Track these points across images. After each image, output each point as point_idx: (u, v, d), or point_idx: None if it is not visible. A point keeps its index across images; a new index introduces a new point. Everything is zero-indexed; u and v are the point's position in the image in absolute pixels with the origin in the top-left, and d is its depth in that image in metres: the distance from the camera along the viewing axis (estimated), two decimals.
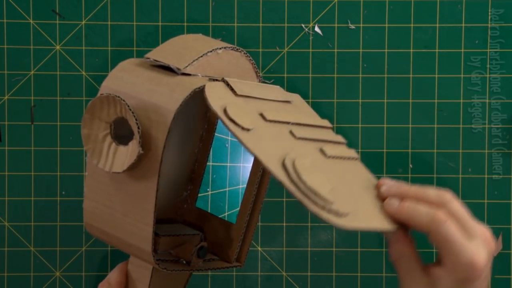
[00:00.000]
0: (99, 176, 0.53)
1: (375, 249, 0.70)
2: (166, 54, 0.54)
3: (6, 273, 0.70)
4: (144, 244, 0.52)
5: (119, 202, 0.53)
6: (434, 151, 0.69)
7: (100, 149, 0.52)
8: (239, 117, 0.49)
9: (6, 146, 0.69)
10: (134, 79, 0.53)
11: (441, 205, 0.49)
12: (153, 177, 0.51)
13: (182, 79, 0.52)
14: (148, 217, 0.51)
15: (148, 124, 0.50)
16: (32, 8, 0.69)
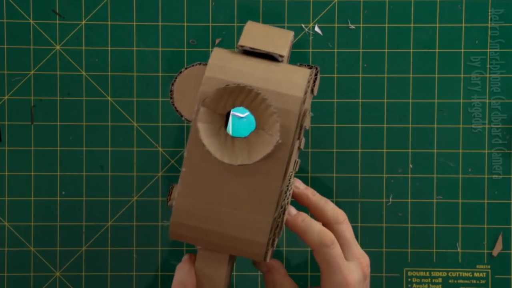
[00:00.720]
0: (201, 171, 0.52)
1: (375, 249, 0.70)
2: (258, 41, 0.53)
3: (6, 273, 0.70)
4: (258, 236, 0.51)
5: (228, 196, 0.51)
6: (434, 151, 0.69)
7: (218, 142, 0.51)
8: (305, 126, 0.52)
9: (6, 146, 0.69)
10: (241, 68, 0.52)
11: (334, 224, 0.57)
12: (281, 167, 0.50)
13: (287, 67, 0.52)
14: (269, 208, 0.51)
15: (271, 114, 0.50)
16: (32, 8, 0.69)
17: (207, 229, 0.52)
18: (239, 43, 0.53)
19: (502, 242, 0.69)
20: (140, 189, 0.69)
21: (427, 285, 0.70)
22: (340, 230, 0.58)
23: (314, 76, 0.53)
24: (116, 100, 0.69)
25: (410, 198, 0.69)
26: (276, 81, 0.51)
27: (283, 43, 0.53)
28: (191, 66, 0.54)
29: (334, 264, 0.55)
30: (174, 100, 0.54)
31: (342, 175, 0.69)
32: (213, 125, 0.51)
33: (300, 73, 0.52)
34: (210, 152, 0.50)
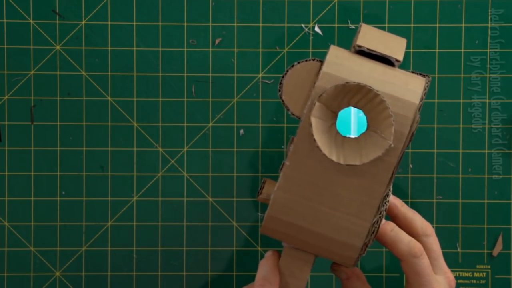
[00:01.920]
0: (306, 167, 0.51)
1: (375, 249, 0.70)
2: (375, 44, 0.53)
3: (6, 273, 0.70)
4: (354, 239, 0.51)
5: (329, 196, 0.51)
6: (434, 151, 0.69)
7: (329, 139, 0.50)
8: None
9: (6, 146, 0.69)
10: (358, 68, 0.51)
11: (422, 236, 0.56)
12: (388, 172, 0.50)
13: (403, 72, 0.52)
14: (368, 212, 0.50)
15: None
16: (32, 8, 0.69)
17: (302, 226, 0.52)
18: (357, 42, 0.53)
19: (502, 242, 0.69)
20: (140, 189, 0.69)
21: None
22: (429, 242, 0.57)
23: (427, 84, 0.53)
24: (116, 100, 0.69)
25: (410, 198, 0.69)
26: (392, 85, 0.51)
27: (399, 48, 0.53)
28: (305, 61, 0.53)
29: (424, 275, 0.55)
30: (282, 93, 0.53)
31: None
32: (325, 122, 0.50)
33: (416, 80, 0.52)
34: (320, 148, 0.50)
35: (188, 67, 0.69)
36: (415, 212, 0.58)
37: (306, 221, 0.52)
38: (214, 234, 0.70)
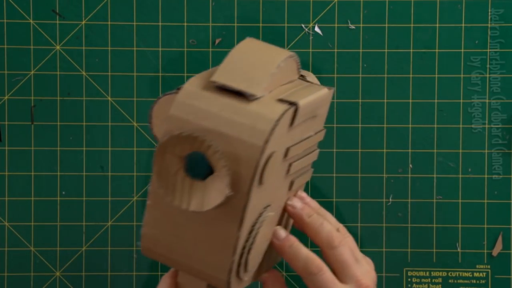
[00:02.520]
0: (165, 206, 0.50)
1: (375, 249, 0.70)
2: (233, 76, 0.50)
3: (6, 273, 0.70)
4: (219, 273, 0.50)
5: (190, 233, 0.50)
6: (434, 151, 0.69)
7: (174, 184, 0.48)
8: (271, 171, 0.48)
9: (6, 146, 0.69)
10: (208, 107, 0.49)
11: (327, 248, 0.55)
12: (237, 216, 0.48)
13: (258, 106, 0.48)
14: (227, 251, 0.49)
15: (234, 161, 0.47)
16: (32, 8, 0.69)
17: (173, 258, 0.52)
18: (212, 78, 0.50)
19: (502, 242, 0.69)
20: (139, 189, 0.69)
21: (427, 285, 0.70)
22: (335, 254, 0.55)
23: (293, 113, 0.49)
24: (116, 100, 0.69)
25: (410, 198, 0.69)
26: (240, 126, 0.47)
27: (260, 77, 0.49)
28: (169, 93, 0.52)
29: (347, 262, 0.55)
30: (152, 125, 0.52)
31: (342, 175, 0.69)
32: (169, 167, 0.48)
33: (267, 117, 0.48)
34: (164, 193, 0.48)
35: (188, 67, 0.69)
36: (324, 222, 0.55)
37: (176, 254, 0.51)
38: None
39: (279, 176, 0.51)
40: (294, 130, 0.50)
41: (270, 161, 0.48)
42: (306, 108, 0.50)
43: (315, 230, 0.55)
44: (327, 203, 0.69)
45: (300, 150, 0.52)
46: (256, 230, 0.50)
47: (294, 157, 0.52)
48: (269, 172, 0.48)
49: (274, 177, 0.50)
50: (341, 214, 0.69)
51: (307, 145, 0.54)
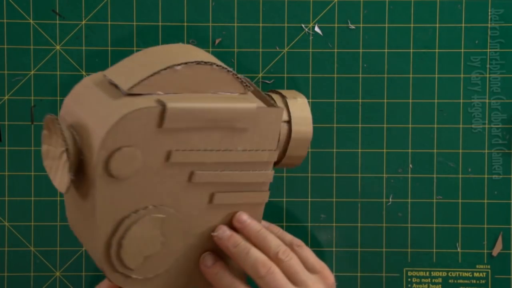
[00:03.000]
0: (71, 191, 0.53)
1: (375, 249, 0.70)
2: (121, 71, 0.51)
3: (6, 273, 0.70)
4: (97, 261, 0.52)
5: (81, 218, 0.53)
6: (434, 151, 0.69)
7: (57, 166, 0.50)
8: (123, 165, 0.48)
9: (6, 146, 0.69)
10: (87, 98, 0.51)
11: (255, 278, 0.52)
12: (93, 207, 0.50)
13: (127, 101, 0.49)
14: (95, 232, 0.50)
15: (88, 149, 0.49)
16: (32, 8, 0.69)
17: (81, 240, 0.54)
18: (105, 70, 0.52)
19: (502, 242, 0.69)
20: None
21: (427, 285, 0.70)
22: (265, 283, 0.52)
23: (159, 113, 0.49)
24: None
25: (410, 198, 0.69)
26: (98, 116, 0.49)
27: (140, 75, 0.50)
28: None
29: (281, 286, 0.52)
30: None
31: (342, 175, 0.69)
32: (55, 148, 0.50)
33: (121, 111, 0.48)
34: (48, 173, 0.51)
35: None
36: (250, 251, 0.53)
37: (79, 235, 0.54)
38: None
39: (166, 179, 0.50)
40: (182, 135, 0.49)
41: (118, 154, 0.48)
42: (185, 113, 0.49)
43: (241, 261, 0.53)
44: (327, 203, 0.69)
45: (205, 159, 0.51)
46: (126, 225, 0.50)
47: (195, 165, 0.51)
48: (119, 166, 0.48)
49: (147, 177, 0.50)
50: (341, 214, 0.70)
51: (224, 158, 0.52)
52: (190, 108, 0.49)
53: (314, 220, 0.70)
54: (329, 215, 0.69)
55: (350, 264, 0.70)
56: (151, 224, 0.51)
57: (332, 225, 0.70)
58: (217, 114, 0.50)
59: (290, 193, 0.69)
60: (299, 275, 0.53)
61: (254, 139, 0.52)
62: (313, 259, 0.55)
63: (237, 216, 0.54)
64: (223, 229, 0.54)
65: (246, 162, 0.53)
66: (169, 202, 0.51)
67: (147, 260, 0.52)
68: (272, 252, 0.53)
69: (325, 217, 0.70)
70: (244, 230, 0.54)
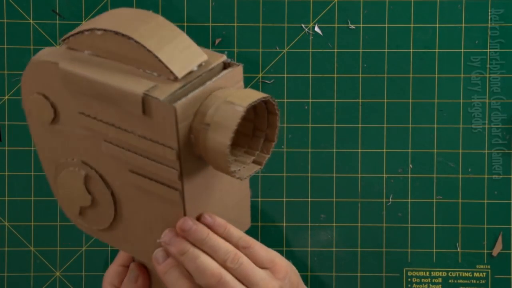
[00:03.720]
0: None
1: (375, 249, 0.70)
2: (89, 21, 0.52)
3: (6, 273, 0.70)
4: None
5: None
6: (434, 151, 0.69)
7: None
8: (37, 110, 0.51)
9: (6, 146, 0.69)
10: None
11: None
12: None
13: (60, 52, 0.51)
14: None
15: None
16: (32, 8, 0.69)
17: None
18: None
19: (502, 242, 0.69)
20: None
21: (427, 285, 0.70)
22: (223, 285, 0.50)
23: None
24: None
25: (410, 198, 0.69)
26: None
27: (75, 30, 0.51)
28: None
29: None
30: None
31: (342, 175, 0.69)
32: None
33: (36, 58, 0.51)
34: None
35: None
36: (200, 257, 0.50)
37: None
38: None
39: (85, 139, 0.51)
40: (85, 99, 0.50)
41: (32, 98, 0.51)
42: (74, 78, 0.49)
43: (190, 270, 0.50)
44: (327, 203, 0.69)
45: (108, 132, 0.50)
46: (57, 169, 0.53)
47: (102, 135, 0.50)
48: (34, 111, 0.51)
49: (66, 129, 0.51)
50: (341, 214, 0.70)
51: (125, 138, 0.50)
52: (77, 74, 0.49)
53: (314, 220, 0.70)
54: (329, 215, 0.69)
55: (350, 264, 0.70)
56: (75, 176, 0.53)
57: (332, 225, 0.70)
58: (102, 89, 0.48)
59: (290, 193, 0.69)
60: (250, 278, 0.51)
61: (153, 128, 0.48)
62: (263, 253, 0.53)
63: (181, 224, 0.50)
64: (169, 235, 0.51)
65: (148, 151, 0.49)
66: (91, 162, 0.52)
67: (86, 212, 0.53)
68: (220, 260, 0.51)
69: (325, 217, 0.70)
70: (189, 238, 0.50)
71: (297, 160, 0.69)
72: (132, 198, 0.52)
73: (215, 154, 0.48)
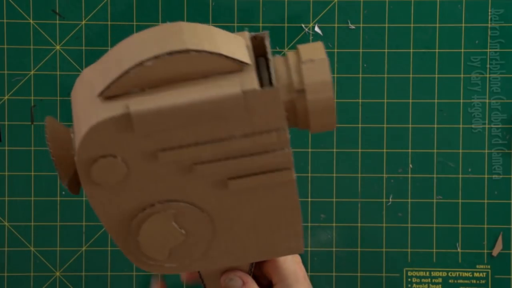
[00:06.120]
0: None
1: (375, 249, 0.70)
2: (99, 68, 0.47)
3: (6, 273, 0.70)
4: None
5: None
6: (434, 151, 0.69)
7: None
8: (106, 173, 0.45)
9: (6, 146, 0.69)
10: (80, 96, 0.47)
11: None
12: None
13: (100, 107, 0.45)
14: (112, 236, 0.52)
15: None
16: (32, 8, 0.69)
17: None
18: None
19: (502, 242, 0.69)
20: None
21: (427, 285, 0.70)
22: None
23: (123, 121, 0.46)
24: None
25: (410, 198, 0.69)
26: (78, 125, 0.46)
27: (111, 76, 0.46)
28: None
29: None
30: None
31: (342, 175, 0.69)
32: None
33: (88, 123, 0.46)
34: None
35: None
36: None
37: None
38: None
39: (164, 178, 0.47)
40: (163, 135, 0.45)
41: (96, 166, 0.45)
42: (155, 115, 0.44)
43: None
44: (327, 203, 0.69)
45: (200, 153, 0.46)
46: (135, 224, 0.49)
47: (191, 160, 0.47)
48: (101, 176, 0.46)
49: (140, 179, 0.47)
50: (341, 214, 0.70)
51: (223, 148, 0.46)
52: (160, 110, 0.44)
53: (314, 220, 0.70)
54: (329, 215, 0.69)
55: (350, 264, 0.70)
56: (162, 220, 0.49)
57: (332, 225, 0.70)
58: (195, 110, 0.44)
59: None
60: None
61: (254, 121, 0.46)
62: None
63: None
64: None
65: (252, 146, 0.47)
66: (176, 196, 0.48)
67: (176, 250, 0.50)
68: None
69: (325, 217, 0.70)
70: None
71: (297, 160, 0.69)
72: (230, 209, 0.49)
73: (321, 114, 0.47)
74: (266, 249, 0.50)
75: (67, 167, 0.47)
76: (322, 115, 0.47)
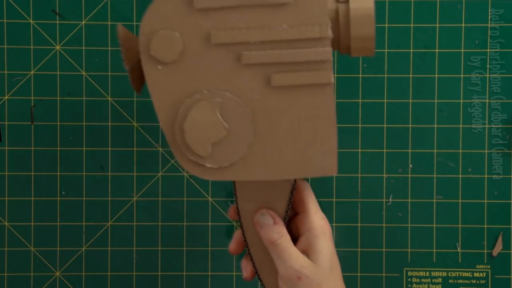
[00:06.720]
0: None
1: (375, 249, 0.70)
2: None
3: (6, 273, 0.70)
4: None
5: None
6: (434, 151, 0.69)
7: None
8: (164, 47, 0.51)
9: (6, 146, 0.69)
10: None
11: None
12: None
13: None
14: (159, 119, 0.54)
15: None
16: (32, 8, 0.69)
17: None
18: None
19: (502, 242, 0.69)
20: (140, 189, 0.69)
21: (427, 285, 0.70)
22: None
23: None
24: (116, 100, 0.69)
25: (410, 198, 0.69)
26: None
27: None
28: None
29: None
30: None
31: (342, 175, 0.69)
32: None
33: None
34: None
35: None
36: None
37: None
38: (214, 234, 0.70)
39: (214, 62, 0.52)
40: (218, 14, 0.51)
41: (156, 38, 0.51)
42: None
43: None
44: (327, 203, 0.69)
45: (249, 38, 0.51)
46: (183, 109, 0.52)
47: (240, 45, 0.52)
48: (160, 49, 0.51)
49: (193, 60, 0.52)
50: (341, 214, 0.70)
51: (270, 36, 0.52)
52: None
53: None
54: (329, 215, 0.69)
55: (350, 264, 0.70)
56: (208, 108, 0.52)
57: (332, 225, 0.70)
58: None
59: None
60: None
61: (299, 13, 0.51)
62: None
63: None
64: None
65: (296, 40, 0.52)
66: (224, 86, 0.52)
67: (217, 148, 0.52)
68: None
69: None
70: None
71: None
72: (271, 111, 0.53)
73: (361, 23, 0.52)
74: (301, 165, 0.53)
75: (132, 53, 0.52)
76: (362, 25, 0.52)
